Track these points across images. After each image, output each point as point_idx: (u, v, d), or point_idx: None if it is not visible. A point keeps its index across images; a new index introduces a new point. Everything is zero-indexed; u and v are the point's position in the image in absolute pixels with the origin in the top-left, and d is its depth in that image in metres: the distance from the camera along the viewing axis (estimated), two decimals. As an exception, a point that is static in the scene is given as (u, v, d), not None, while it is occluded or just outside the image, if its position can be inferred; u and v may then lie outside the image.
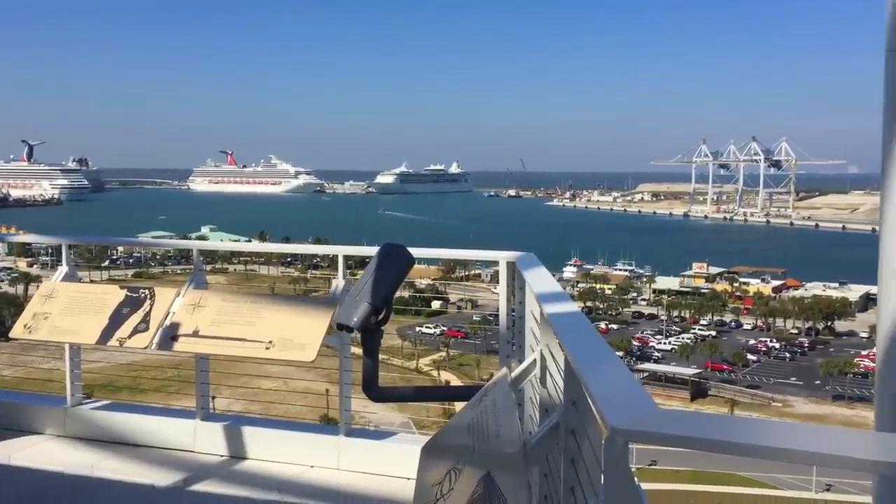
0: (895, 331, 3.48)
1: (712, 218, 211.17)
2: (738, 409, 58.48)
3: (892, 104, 3.46)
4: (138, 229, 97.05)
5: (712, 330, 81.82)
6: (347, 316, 4.00)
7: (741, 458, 1.66)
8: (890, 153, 3.47)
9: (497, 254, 5.69)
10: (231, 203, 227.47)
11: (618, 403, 1.82)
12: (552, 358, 3.09)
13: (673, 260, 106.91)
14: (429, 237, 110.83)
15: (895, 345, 3.51)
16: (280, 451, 5.88)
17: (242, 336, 5.66)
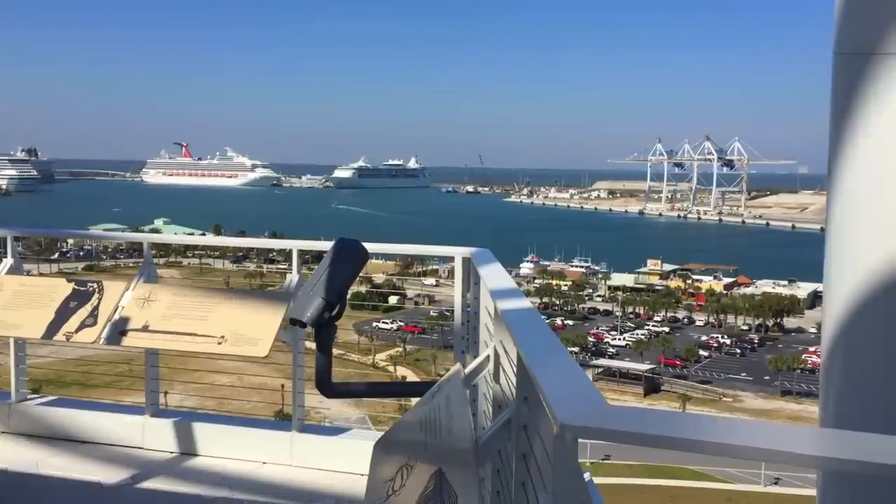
0: (840, 329, 3.55)
1: (667, 216, 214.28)
2: (689, 405, 59.48)
3: (839, 106, 3.54)
4: (90, 221, 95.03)
5: (666, 326, 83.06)
6: (301, 311, 3.96)
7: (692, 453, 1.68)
8: (836, 153, 3.54)
9: (453, 249, 5.69)
10: (185, 196, 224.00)
11: (568, 399, 1.82)
12: (505, 354, 3.10)
13: (628, 257, 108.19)
14: (386, 232, 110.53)
15: (840, 343, 3.59)
16: (232, 447, 5.80)
17: (194, 331, 5.57)
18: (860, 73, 3.41)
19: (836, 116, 3.54)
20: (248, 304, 5.75)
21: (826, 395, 3.70)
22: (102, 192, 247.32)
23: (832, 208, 3.59)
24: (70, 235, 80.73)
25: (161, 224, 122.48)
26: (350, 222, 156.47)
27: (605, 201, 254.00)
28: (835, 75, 3.55)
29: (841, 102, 3.52)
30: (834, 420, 3.64)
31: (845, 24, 3.53)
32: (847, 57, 3.51)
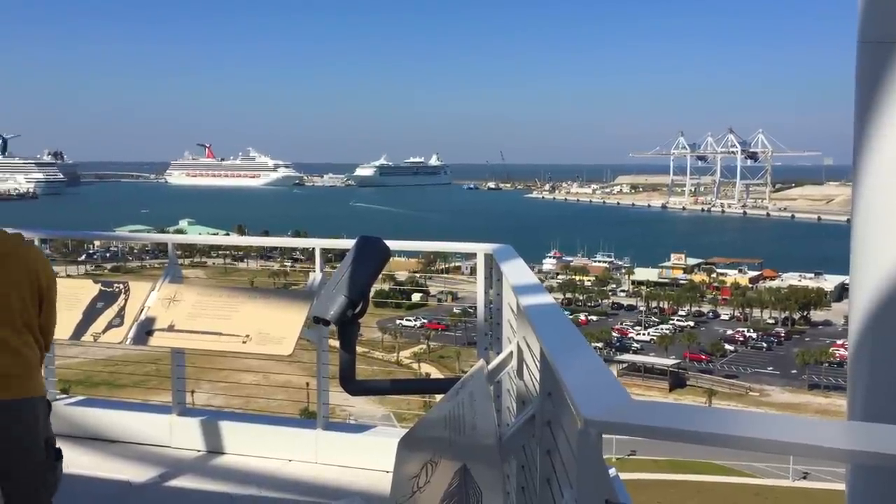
0: (867, 322, 3.51)
1: (690, 209, 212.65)
2: (715, 399, 59.06)
3: (864, 96, 3.49)
4: (115, 223, 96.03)
5: (690, 320, 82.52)
6: (324, 309, 3.98)
7: (717, 447, 1.67)
8: (861, 144, 3.50)
9: (475, 246, 5.69)
10: (209, 196, 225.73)
11: (592, 395, 1.82)
12: (528, 350, 3.10)
13: (651, 251, 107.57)
14: (407, 230, 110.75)
15: (867, 336, 3.55)
16: (258, 445, 5.84)
17: (218, 330, 5.62)
18: (885, 62, 3.36)
19: (860, 106, 3.49)
20: (272, 302, 5.79)
21: (854, 389, 3.66)
22: (127, 193, 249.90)
23: (858, 199, 3.54)
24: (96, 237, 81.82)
25: (185, 225, 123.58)
26: (371, 220, 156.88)
27: (627, 196, 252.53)
28: (859, 64, 3.50)
29: (865, 92, 3.48)
30: (862, 413, 3.60)
31: (870, 12, 3.48)
32: (872, 46, 3.46)
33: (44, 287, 3.71)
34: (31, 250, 3.79)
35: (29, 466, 3.57)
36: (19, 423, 3.56)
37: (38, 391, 3.69)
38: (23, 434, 3.56)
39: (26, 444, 3.58)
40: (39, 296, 3.71)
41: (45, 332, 3.80)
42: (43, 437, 3.66)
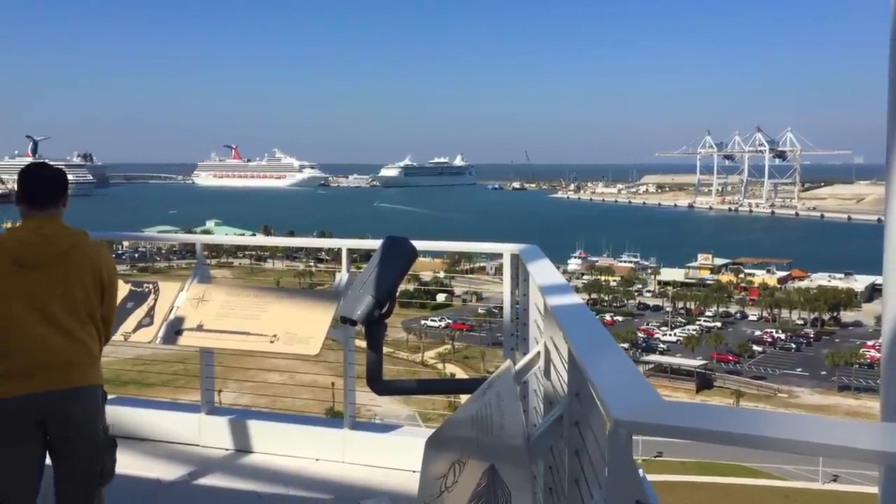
0: (901, 321, 3.46)
1: (717, 209, 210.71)
2: (743, 401, 58.47)
3: (898, 93, 3.44)
4: (144, 224, 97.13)
5: (718, 321, 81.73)
6: (351, 309, 4.00)
7: (747, 449, 1.65)
8: (895, 142, 3.44)
9: (501, 246, 5.68)
10: (235, 197, 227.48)
11: (621, 395, 1.81)
12: (556, 350, 3.09)
13: (678, 251, 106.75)
14: (432, 230, 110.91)
15: (901, 335, 3.49)
16: (285, 444, 5.88)
17: (246, 330, 5.67)
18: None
19: (893, 104, 3.44)
20: (299, 302, 5.83)
21: (887, 390, 3.61)
22: (155, 195, 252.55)
23: (892, 198, 3.49)
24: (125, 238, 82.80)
25: (212, 225, 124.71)
26: (395, 221, 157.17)
27: (653, 195, 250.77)
28: (892, 63, 3.45)
29: (899, 89, 3.43)
30: (895, 415, 3.55)
31: (903, 9, 3.43)
32: (905, 43, 3.41)
33: (106, 280, 3.87)
34: (94, 245, 3.95)
35: (88, 452, 3.72)
36: (82, 410, 3.71)
37: (98, 380, 3.84)
38: (84, 421, 3.70)
39: (87, 431, 3.72)
40: (102, 288, 3.87)
41: (106, 324, 3.97)
42: (101, 425, 3.81)
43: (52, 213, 3.86)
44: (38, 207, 3.83)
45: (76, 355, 3.73)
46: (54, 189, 3.91)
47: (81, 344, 3.77)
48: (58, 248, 3.77)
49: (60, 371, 3.67)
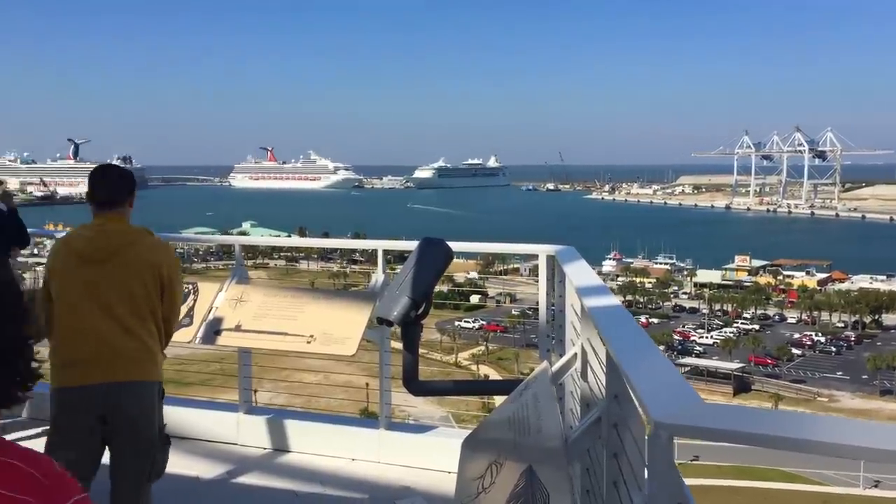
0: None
1: (755, 210, 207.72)
2: (782, 404, 57.54)
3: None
4: (182, 225, 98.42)
5: (755, 324, 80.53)
6: (387, 310, 4.02)
7: (786, 453, 1.63)
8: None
9: (537, 247, 5.67)
10: (271, 199, 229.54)
11: (661, 397, 1.80)
12: (593, 352, 3.08)
13: (714, 253, 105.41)
14: (465, 231, 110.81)
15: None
16: (321, 444, 5.93)
17: (284, 330, 5.73)
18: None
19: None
20: (335, 303, 5.88)
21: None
22: (193, 197, 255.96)
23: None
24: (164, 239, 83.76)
25: (248, 227, 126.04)
26: (429, 222, 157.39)
27: (689, 196, 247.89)
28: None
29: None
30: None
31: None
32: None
33: (165, 277, 3.96)
34: (155, 243, 4.08)
35: (141, 447, 3.80)
36: (137, 405, 3.79)
37: (155, 376, 3.92)
38: (139, 415, 3.78)
39: (141, 425, 3.80)
40: (161, 286, 3.95)
41: (167, 321, 4.05)
42: (156, 421, 3.87)
43: (118, 212, 4.01)
44: (104, 206, 4.00)
45: (134, 350, 3.83)
46: (119, 189, 4.06)
47: (139, 340, 3.86)
48: (117, 245, 3.91)
49: (118, 364, 3.77)
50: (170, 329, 4.10)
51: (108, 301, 3.82)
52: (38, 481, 1.32)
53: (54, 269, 4.01)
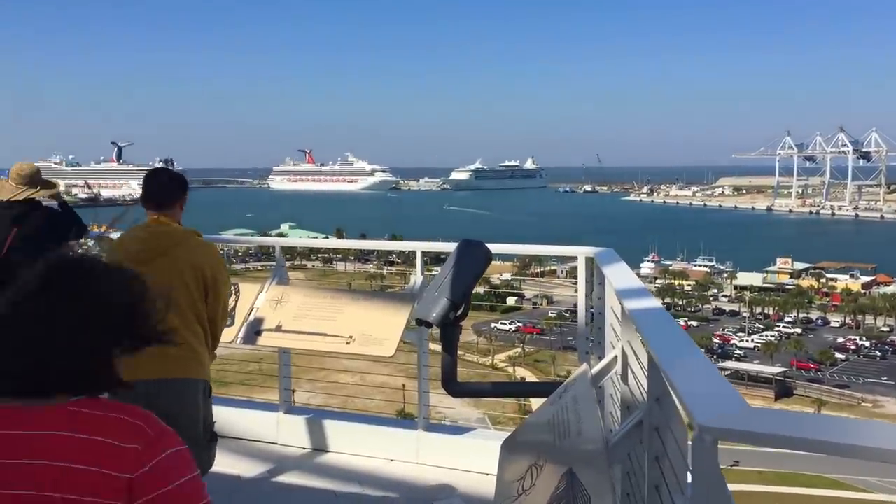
0: None
1: (797, 212, 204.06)
2: (825, 410, 56.43)
3: None
4: (222, 227, 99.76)
5: (798, 327, 79.12)
6: (427, 311, 4.04)
7: (828, 459, 1.61)
8: None
9: (575, 249, 5.64)
10: (309, 201, 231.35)
11: (706, 401, 1.79)
12: (634, 354, 3.06)
13: (755, 255, 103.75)
14: (502, 233, 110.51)
15: None
16: (360, 444, 5.96)
17: (323, 331, 5.78)
18: None
19: None
20: (374, 304, 5.91)
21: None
22: (232, 198, 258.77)
23: None
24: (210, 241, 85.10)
25: (287, 228, 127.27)
26: (465, 224, 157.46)
27: (729, 198, 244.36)
28: None
29: None
30: None
31: None
32: None
33: (208, 278, 4.04)
34: (199, 244, 4.18)
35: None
36: (178, 403, 3.84)
37: (198, 374, 3.99)
38: (180, 413, 3.81)
39: (183, 423, 3.85)
40: (205, 286, 4.02)
41: (212, 322, 4.12)
42: (202, 418, 3.94)
43: (167, 214, 4.16)
44: (154, 208, 4.16)
45: (176, 349, 3.89)
46: (168, 192, 4.23)
47: (182, 340, 3.92)
48: (164, 246, 4.02)
49: (160, 363, 3.79)
50: (216, 329, 4.16)
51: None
52: (143, 431, 1.62)
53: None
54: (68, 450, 1.56)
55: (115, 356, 1.75)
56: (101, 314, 1.70)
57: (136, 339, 1.78)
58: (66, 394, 1.65)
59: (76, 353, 1.64)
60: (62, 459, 1.55)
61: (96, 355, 1.69)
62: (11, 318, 1.66)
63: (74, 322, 1.65)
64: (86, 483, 1.54)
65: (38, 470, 1.54)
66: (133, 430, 1.62)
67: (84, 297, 1.69)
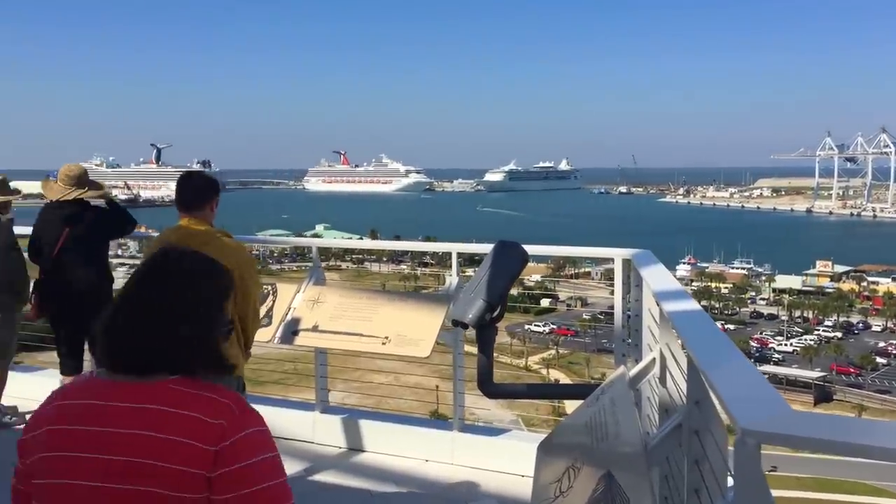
0: None
1: (837, 214, 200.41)
2: (865, 415, 55.31)
3: None
4: (258, 227, 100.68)
5: (838, 331, 77.71)
6: (463, 312, 4.04)
7: (872, 465, 1.58)
8: None
9: (612, 251, 5.61)
10: (343, 202, 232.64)
11: (748, 404, 1.77)
12: (672, 357, 3.03)
13: (794, 258, 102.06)
14: (536, 235, 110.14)
15: None
16: (395, 444, 5.98)
17: (359, 331, 5.80)
18: None
19: None
20: (410, 305, 5.92)
21: None
22: (268, 199, 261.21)
23: None
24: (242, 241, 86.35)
25: (321, 229, 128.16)
26: (498, 225, 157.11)
27: (768, 200, 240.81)
28: None
29: None
30: None
31: None
32: None
33: (237, 278, 4.07)
34: (225, 244, 4.30)
35: None
36: None
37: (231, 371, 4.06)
38: None
39: None
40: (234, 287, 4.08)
41: (243, 321, 4.18)
42: None
43: (196, 216, 4.33)
44: (184, 210, 4.34)
45: None
46: (198, 195, 4.39)
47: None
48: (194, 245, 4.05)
49: None
50: (246, 327, 4.22)
51: None
52: (230, 409, 1.82)
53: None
54: (166, 422, 1.76)
55: (214, 340, 1.96)
56: (201, 303, 1.94)
57: (226, 326, 2.02)
58: (167, 372, 1.85)
59: (178, 337, 1.86)
60: (160, 431, 1.75)
61: (196, 339, 1.90)
62: (127, 302, 1.91)
63: (178, 310, 1.88)
64: (177, 453, 1.73)
65: (139, 439, 1.75)
66: (221, 408, 1.81)
67: (187, 287, 1.93)
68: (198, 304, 1.92)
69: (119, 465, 1.75)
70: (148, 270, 1.98)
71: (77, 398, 1.86)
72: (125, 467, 1.74)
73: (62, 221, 6.15)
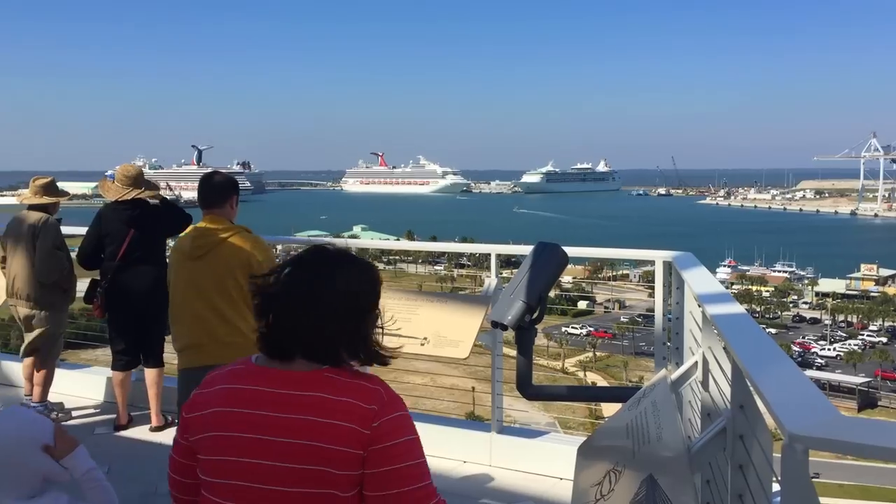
0: None
1: (883, 216, 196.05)
2: (912, 423, 54.08)
3: None
4: (296, 228, 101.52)
5: (883, 336, 76.01)
6: (502, 314, 4.05)
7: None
8: None
9: (652, 253, 5.55)
10: (381, 203, 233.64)
11: (795, 408, 1.75)
12: (715, 360, 3.00)
13: (838, 261, 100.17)
14: (573, 236, 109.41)
15: None
16: (433, 445, 5.97)
17: (399, 332, 5.81)
18: None
19: None
20: (449, 306, 5.92)
21: None
22: (307, 200, 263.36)
23: None
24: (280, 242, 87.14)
25: (359, 230, 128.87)
26: (536, 226, 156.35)
27: (811, 202, 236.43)
28: None
29: None
30: None
31: None
32: None
33: (255, 266, 4.24)
34: (244, 238, 4.50)
35: None
36: None
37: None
38: None
39: None
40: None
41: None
42: None
43: (217, 213, 4.54)
44: (206, 208, 4.57)
45: (229, 335, 4.27)
46: (218, 193, 4.59)
47: (232, 325, 4.29)
48: (212, 243, 4.40)
49: (216, 348, 4.20)
50: None
51: (206, 293, 4.34)
52: (380, 395, 1.99)
53: (170, 265, 4.72)
54: (326, 407, 1.93)
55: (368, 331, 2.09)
56: (357, 296, 2.07)
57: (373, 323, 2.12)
58: (317, 362, 2.00)
59: (328, 331, 2.00)
60: (321, 415, 1.92)
61: (353, 331, 2.04)
62: (281, 297, 2.02)
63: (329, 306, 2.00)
64: (338, 435, 1.90)
65: (301, 423, 1.92)
66: (373, 394, 1.97)
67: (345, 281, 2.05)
68: (354, 298, 2.06)
69: (281, 447, 1.91)
70: (306, 265, 2.08)
71: (241, 383, 2.02)
72: (288, 448, 1.91)
73: (126, 222, 6.32)
